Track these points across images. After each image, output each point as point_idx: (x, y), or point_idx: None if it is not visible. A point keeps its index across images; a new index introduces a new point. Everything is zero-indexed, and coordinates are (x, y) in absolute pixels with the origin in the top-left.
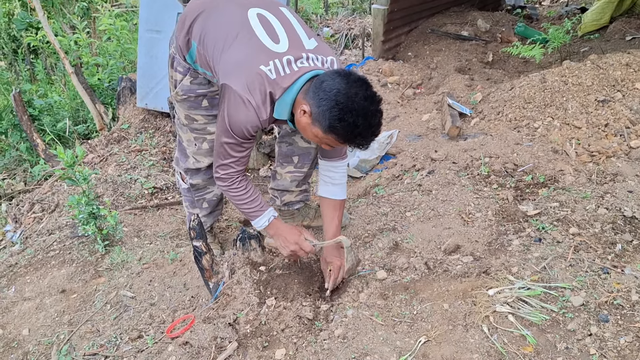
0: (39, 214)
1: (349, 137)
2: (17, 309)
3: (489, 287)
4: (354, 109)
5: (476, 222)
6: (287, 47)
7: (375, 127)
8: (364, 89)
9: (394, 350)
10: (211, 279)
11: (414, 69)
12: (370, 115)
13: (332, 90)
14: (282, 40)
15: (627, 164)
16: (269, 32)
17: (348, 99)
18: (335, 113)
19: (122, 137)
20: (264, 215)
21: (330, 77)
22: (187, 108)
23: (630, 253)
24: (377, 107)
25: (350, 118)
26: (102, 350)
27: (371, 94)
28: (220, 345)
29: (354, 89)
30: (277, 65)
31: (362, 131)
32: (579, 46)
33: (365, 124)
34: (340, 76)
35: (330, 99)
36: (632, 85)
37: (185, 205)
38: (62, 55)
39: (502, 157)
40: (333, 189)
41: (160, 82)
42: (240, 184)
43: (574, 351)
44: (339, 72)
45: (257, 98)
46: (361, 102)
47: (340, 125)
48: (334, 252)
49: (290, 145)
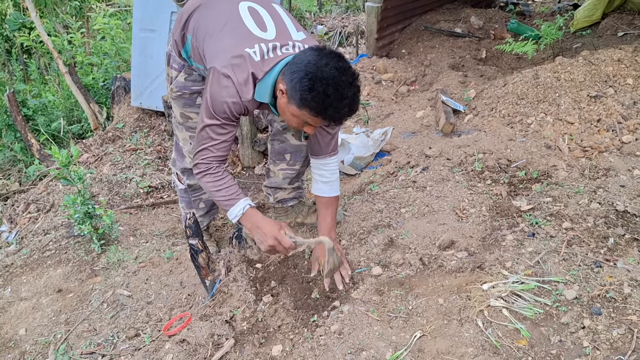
0: (34, 214)
1: (320, 108)
2: (14, 309)
3: (484, 281)
4: (323, 77)
5: (470, 217)
6: (274, 35)
7: (349, 99)
8: (336, 60)
9: (389, 345)
10: (207, 276)
11: (408, 66)
12: (342, 86)
13: (303, 62)
14: (270, 29)
15: (619, 159)
16: (258, 21)
17: (317, 68)
18: (305, 83)
19: (117, 137)
20: (238, 204)
21: (303, 52)
22: (182, 105)
23: (623, 247)
24: (349, 79)
25: (320, 87)
26: (100, 349)
27: (343, 66)
28: (217, 342)
29: (325, 60)
30: (262, 48)
31: (333, 101)
32: (571, 42)
33: (337, 94)
34: (312, 50)
35: (300, 71)
36: (623, 81)
37: (182, 207)
38: (56, 55)
39: (496, 153)
40: (324, 186)
41: (154, 81)
42: (215, 170)
43: (568, 344)
44: (312, 47)
45: (239, 77)
46: (331, 72)
47: (311, 96)
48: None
49: (282, 143)
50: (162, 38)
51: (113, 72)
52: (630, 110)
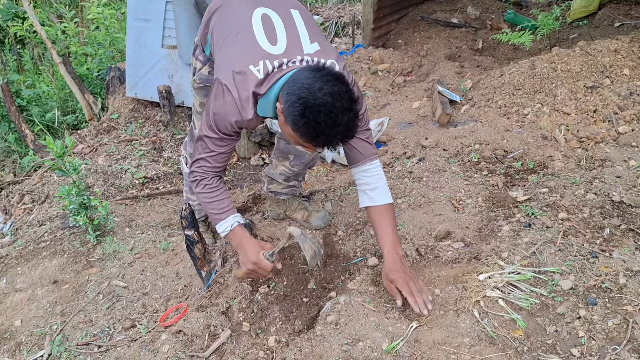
0: (29, 205)
1: (311, 135)
2: (9, 300)
3: (480, 272)
4: (315, 104)
5: (467, 208)
6: (283, 49)
7: (343, 126)
8: (331, 84)
9: (386, 335)
10: (204, 267)
11: (404, 57)
12: (336, 113)
13: (297, 84)
14: (280, 42)
15: (615, 150)
16: (269, 33)
17: (310, 93)
18: (297, 108)
19: (112, 127)
20: (228, 220)
21: (301, 71)
22: (203, 96)
23: (618, 237)
24: (345, 104)
25: (311, 114)
26: (96, 340)
27: (338, 90)
28: (213, 333)
29: (319, 84)
30: (266, 65)
31: (324, 129)
32: (568, 33)
33: (329, 121)
34: (309, 70)
35: (293, 94)
36: (620, 72)
37: (185, 190)
38: (50, 45)
39: (492, 144)
40: (372, 194)
41: (149, 72)
42: (210, 180)
43: (563, 334)
44: (312, 66)
45: (241, 94)
46: (324, 98)
47: (302, 122)
48: (396, 266)
49: (288, 144)
50: (157, 28)
51: (107, 62)
52: (627, 101)
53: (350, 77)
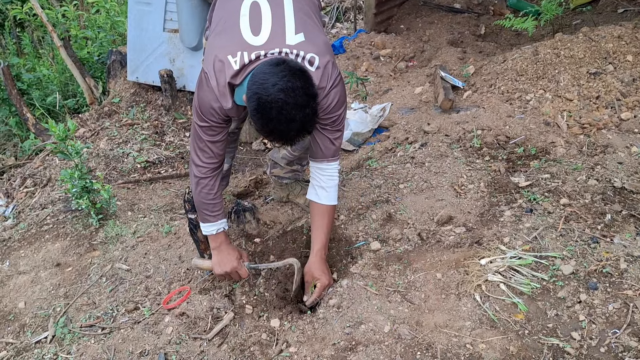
0: (31, 189)
1: (264, 130)
2: (12, 283)
3: (481, 257)
4: (267, 100)
5: (468, 193)
6: (264, 40)
7: (298, 122)
8: (286, 80)
9: (387, 318)
10: (206, 251)
11: (407, 42)
12: (288, 109)
13: (254, 79)
14: (263, 32)
15: (618, 136)
16: (254, 23)
17: (264, 89)
18: (252, 103)
19: (113, 111)
20: (216, 224)
21: (261, 65)
22: None
23: (619, 223)
24: (297, 100)
25: (264, 110)
26: (99, 321)
27: (292, 86)
28: (216, 315)
29: (274, 79)
30: (243, 56)
31: (277, 125)
32: (571, 19)
33: (280, 117)
34: (268, 65)
35: (250, 88)
36: (623, 58)
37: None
38: (50, 29)
39: (495, 130)
40: (319, 192)
41: (151, 55)
42: (209, 181)
43: (564, 318)
44: (273, 60)
45: (219, 82)
46: (276, 94)
47: (256, 117)
48: (321, 266)
49: None
50: (158, 11)
51: (108, 46)
52: (630, 87)
53: (335, 71)
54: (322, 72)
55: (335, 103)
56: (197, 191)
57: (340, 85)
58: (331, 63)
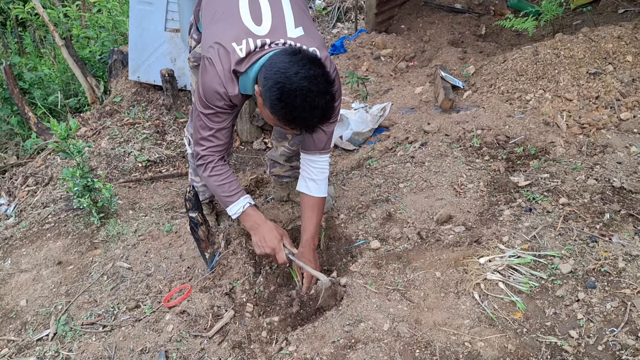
0: (32, 188)
1: (289, 118)
2: (14, 281)
3: (480, 255)
4: (291, 88)
5: (468, 193)
6: (267, 30)
7: (320, 109)
8: (307, 68)
9: (387, 317)
10: (207, 249)
11: (407, 42)
12: (312, 96)
13: (274, 68)
14: (265, 22)
15: (617, 136)
16: (254, 13)
17: (287, 78)
18: (275, 92)
19: (115, 111)
20: (239, 201)
21: (277, 55)
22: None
23: (618, 222)
24: (321, 87)
25: (288, 98)
26: (100, 319)
27: (314, 74)
28: (217, 313)
29: (295, 68)
30: (249, 43)
31: (301, 112)
32: (571, 19)
33: (306, 105)
34: (286, 54)
35: (270, 78)
36: (623, 58)
37: (190, 172)
38: (52, 28)
39: (494, 129)
40: (309, 184)
41: (152, 55)
42: (216, 163)
43: (562, 316)
44: (288, 50)
45: (224, 67)
46: (300, 82)
47: (279, 106)
48: (309, 256)
49: None
50: (160, 11)
51: (110, 45)
52: (629, 88)
53: (333, 66)
54: None
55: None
56: (208, 177)
57: (337, 78)
58: (329, 58)
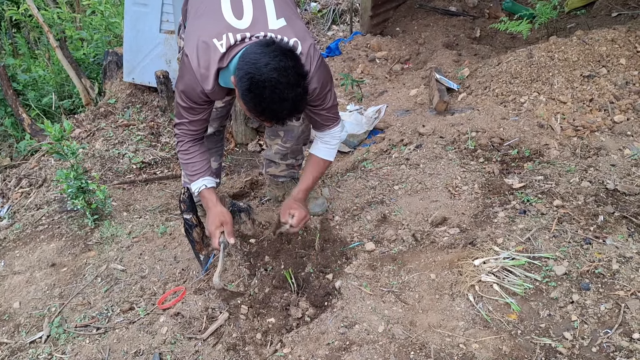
0: (26, 189)
1: (257, 109)
2: (7, 283)
3: (475, 257)
4: (260, 79)
5: (463, 195)
6: (248, 24)
7: (290, 101)
8: (278, 60)
9: (382, 318)
10: (202, 251)
11: (402, 44)
12: (281, 89)
13: (246, 59)
14: (246, 16)
15: (611, 138)
16: (236, 8)
17: (256, 69)
18: (245, 83)
19: (109, 112)
20: (197, 182)
21: (251, 46)
22: None
23: (612, 224)
24: (290, 80)
25: (257, 89)
26: (94, 322)
27: (284, 66)
28: (211, 315)
29: (266, 59)
30: (229, 38)
31: (270, 104)
32: (565, 22)
33: (274, 97)
34: (259, 45)
35: (242, 69)
36: (617, 61)
37: (183, 174)
38: (46, 29)
39: (489, 132)
40: (322, 146)
41: (147, 57)
42: (189, 143)
43: (556, 318)
44: (262, 41)
45: (201, 64)
46: (269, 73)
47: (249, 97)
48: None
49: None
50: (155, 13)
51: (104, 47)
52: (623, 90)
53: (316, 56)
54: (304, 58)
55: (321, 85)
56: (179, 153)
57: (322, 66)
58: (313, 46)
